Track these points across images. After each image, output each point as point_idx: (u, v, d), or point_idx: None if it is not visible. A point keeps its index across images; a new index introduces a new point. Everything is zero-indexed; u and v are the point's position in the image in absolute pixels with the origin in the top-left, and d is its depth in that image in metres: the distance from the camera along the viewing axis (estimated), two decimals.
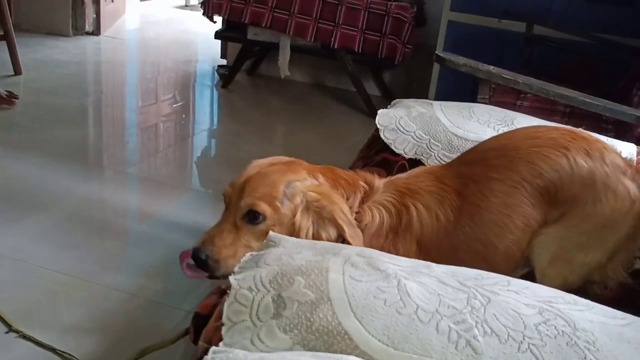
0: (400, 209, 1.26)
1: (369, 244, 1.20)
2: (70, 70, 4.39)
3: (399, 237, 1.24)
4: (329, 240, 1.18)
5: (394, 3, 3.78)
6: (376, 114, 1.73)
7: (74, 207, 2.50)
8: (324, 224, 1.19)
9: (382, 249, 1.18)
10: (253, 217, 1.18)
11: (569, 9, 3.28)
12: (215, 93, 4.47)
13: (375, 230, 1.24)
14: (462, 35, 3.43)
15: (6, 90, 3.35)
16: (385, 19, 3.75)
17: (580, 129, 1.38)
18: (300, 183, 1.21)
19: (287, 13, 3.91)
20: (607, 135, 1.75)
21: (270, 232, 1.01)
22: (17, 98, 3.29)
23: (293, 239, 1.00)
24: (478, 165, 1.31)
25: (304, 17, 3.89)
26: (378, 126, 1.68)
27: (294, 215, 1.19)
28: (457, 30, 3.45)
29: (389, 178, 1.35)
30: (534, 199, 1.25)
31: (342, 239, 1.18)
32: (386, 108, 1.78)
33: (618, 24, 3.18)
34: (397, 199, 1.27)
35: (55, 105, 3.61)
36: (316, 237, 1.19)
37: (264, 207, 1.18)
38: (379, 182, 1.31)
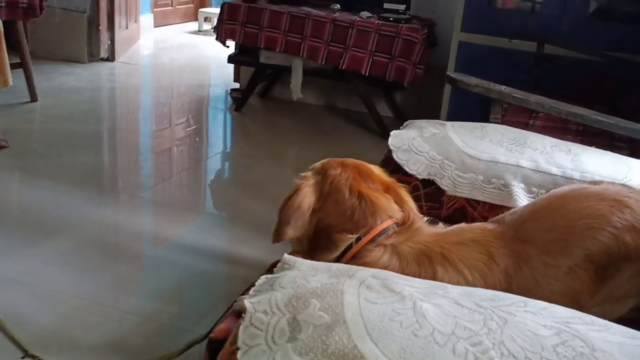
0: (424, 272, 1.16)
1: (388, 254, 1.18)
2: (86, 96, 4.45)
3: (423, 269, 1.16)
4: None
5: (405, 25, 3.81)
6: (388, 134, 1.74)
7: (89, 232, 2.52)
8: None
9: (400, 261, 1.16)
10: None
11: (578, 28, 3.29)
12: (229, 116, 4.51)
13: (392, 250, 1.18)
14: (473, 55, 3.44)
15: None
16: (396, 41, 3.77)
17: (626, 191, 1.33)
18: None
19: (300, 37, 3.95)
20: (620, 153, 1.74)
21: (285, 255, 1.01)
22: (6, 147, 3.22)
23: (308, 261, 1.00)
24: (533, 246, 1.24)
25: (316, 40, 3.92)
26: (391, 147, 1.68)
27: None
28: (468, 50, 3.46)
29: (430, 228, 1.27)
30: (586, 284, 1.22)
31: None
32: (398, 129, 1.78)
33: (628, 42, 3.18)
34: (423, 259, 1.18)
35: (70, 132, 3.65)
36: None
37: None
38: (414, 235, 1.22)
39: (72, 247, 2.39)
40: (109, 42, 5.39)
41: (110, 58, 5.41)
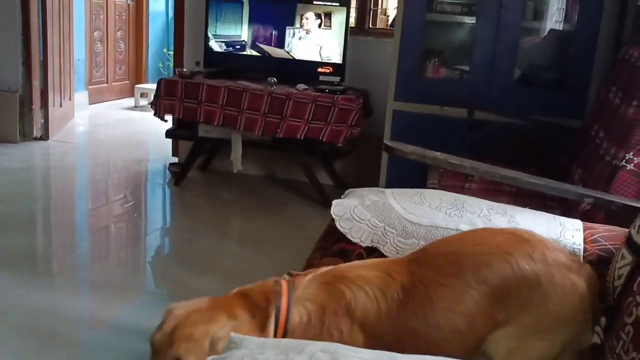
0: (333, 294, 1.27)
1: (306, 338, 1.19)
2: (18, 177, 4.32)
3: (339, 318, 1.24)
4: None
5: (340, 96, 3.91)
6: (330, 203, 1.75)
7: (23, 319, 2.40)
8: None
9: (322, 335, 1.21)
10: None
11: (505, 94, 3.45)
12: (168, 191, 4.46)
13: (306, 327, 1.24)
14: (407, 123, 3.55)
15: None
16: (332, 110, 3.86)
17: (524, 230, 1.45)
18: (222, 331, 1.20)
19: (238, 110, 3.99)
20: (552, 213, 1.80)
21: (232, 333, 0.99)
22: None
23: (255, 338, 0.98)
24: (428, 269, 1.34)
25: (253, 112, 3.97)
26: (333, 216, 1.69)
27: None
28: (402, 118, 3.57)
29: (323, 269, 1.35)
30: (480, 305, 1.29)
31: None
32: (340, 198, 1.80)
33: (551, 106, 3.35)
34: (325, 287, 1.28)
35: (2, 214, 3.53)
36: None
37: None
38: (306, 278, 1.31)
39: (6, 333, 2.27)
40: (42, 121, 5.30)
41: (44, 137, 5.31)
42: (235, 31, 4.39)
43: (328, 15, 4.22)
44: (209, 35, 4.40)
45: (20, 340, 2.24)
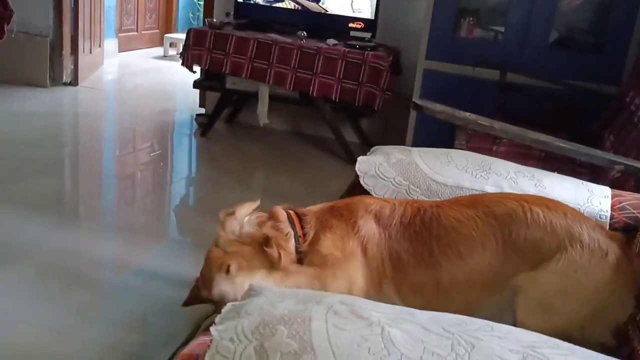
0: (349, 203, 1.44)
1: (322, 217, 1.39)
2: (47, 121, 4.37)
3: (352, 210, 1.39)
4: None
5: (370, 52, 3.85)
6: (354, 160, 1.74)
7: (49, 259, 2.46)
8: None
9: (338, 216, 1.37)
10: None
11: (539, 57, 3.37)
12: (194, 141, 4.48)
13: (318, 211, 1.43)
14: (437, 83, 3.50)
15: None
16: (363, 68, 3.81)
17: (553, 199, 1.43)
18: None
19: (266, 63, 3.96)
20: (581, 179, 1.77)
21: (253, 282, 1.00)
22: None
23: (275, 288, 0.99)
24: (444, 201, 1.44)
25: (282, 67, 3.94)
26: (358, 173, 1.69)
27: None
28: (432, 78, 3.51)
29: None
30: (486, 237, 1.32)
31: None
32: (365, 155, 1.79)
33: (587, 71, 3.27)
34: (340, 208, 1.43)
35: (31, 157, 3.58)
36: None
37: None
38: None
39: (32, 274, 2.32)
40: (72, 67, 5.33)
41: (73, 83, 5.34)
42: None
43: None
44: None
45: (45, 281, 2.29)
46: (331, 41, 4.01)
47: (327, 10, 4.25)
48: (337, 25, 4.22)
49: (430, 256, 1.33)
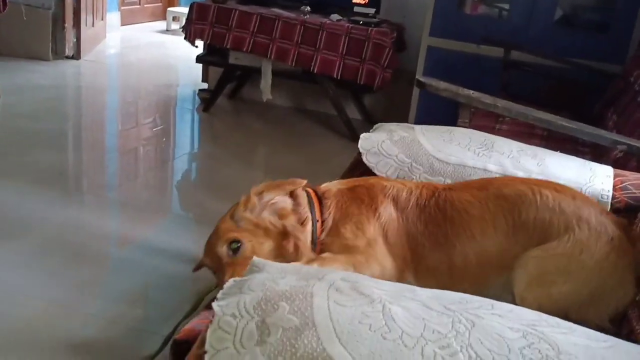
0: (367, 184, 1.45)
1: (342, 199, 1.40)
2: (50, 94, 4.36)
3: (371, 193, 1.40)
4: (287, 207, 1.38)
5: (374, 29, 3.82)
6: (357, 137, 1.74)
7: (51, 233, 2.47)
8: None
9: (357, 200, 1.38)
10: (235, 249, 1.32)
11: (544, 35, 3.35)
12: (197, 117, 4.47)
13: (338, 191, 1.43)
14: (441, 60, 3.48)
15: None
16: (366, 45, 3.78)
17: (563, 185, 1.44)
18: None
19: (269, 38, 3.94)
20: (584, 158, 1.77)
21: (254, 258, 1.01)
22: None
23: (277, 264, 0.99)
24: (456, 184, 1.46)
25: (285, 42, 3.91)
26: (360, 150, 1.69)
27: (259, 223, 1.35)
28: (436, 55, 3.49)
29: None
30: (497, 219, 1.34)
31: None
32: (368, 132, 1.79)
33: (592, 49, 3.25)
34: (359, 192, 1.43)
35: (33, 130, 3.58)
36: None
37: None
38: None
39: (35, 248, 2.34)
40: (75, 40, 5.30)
41: (76, 56, 5.31)
42: None
43: None
44: None
45: (47, 255, 2.30)
46: (335, 16, 3.97)
47: None
48: (341, 1, 4.18)
49: (444, 238, 1.35)
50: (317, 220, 1.37)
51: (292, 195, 1.41)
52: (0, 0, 3.72)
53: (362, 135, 1.74)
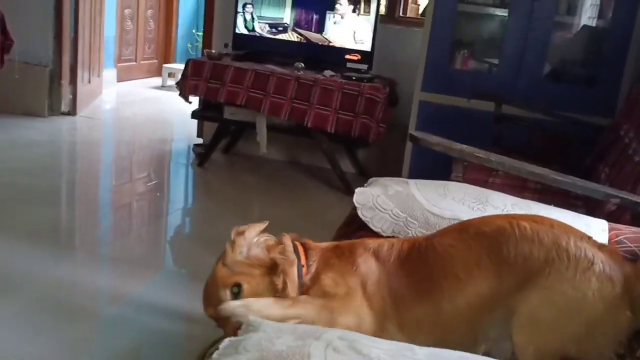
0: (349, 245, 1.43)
1: (326, 254, 1.39)
2: (45, 150, 4.38)
3: (355, 250, 1.38)
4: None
5: (367, 84, 3.89)
6: (351, 191, 1.75)
7: (43, 290, 2.44)
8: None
9: (341, 256, 1.37)
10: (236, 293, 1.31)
11: (534, 89, 3.40)
12: (191, 171, 4.48)
13: (324, 247, 1.42)
14: (433, 114, 3.52)
15: None
16: (359, 100, 3.84)
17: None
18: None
19: (263, 93, 3.99)
20: (577, 211, 1.78)
21: (250, 317, 1.00)
22: None
23: (273, 323, 0.98)
24: (436, 232, 1.46)
25: (278, 97, 3.96)
26: (356, 204, 1.69)
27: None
28: (428, 109, 3.54)
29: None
30: (480, 257, 1.32)
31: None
32: (362, 186, 1.80)
33: (581, 103, 3.30)
34: (342, 247, 1.42)
35: (28, 186, 3.57)
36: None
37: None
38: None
39: (26, 305, 2.30)
40: (71, 96, 5.35)
41: (72, 112, 5.36)
42: (277, 14, 4.37)
43: (362, 1, 4.19)
44: (254, 16, 4.38)
45: (39, 312, 2.27)
46: (328, 72, 4.04)
47: (330, 42, 4.29)
48: (335, 57, 4.26)
49: (430, 286, 1.33)
50: (302, 265, 1.37)
51: (279, 240, 1.43)
52: None
53: (357, 190, 1.75)
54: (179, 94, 4.32)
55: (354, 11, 4.22)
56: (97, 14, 5.77)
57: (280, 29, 4.38)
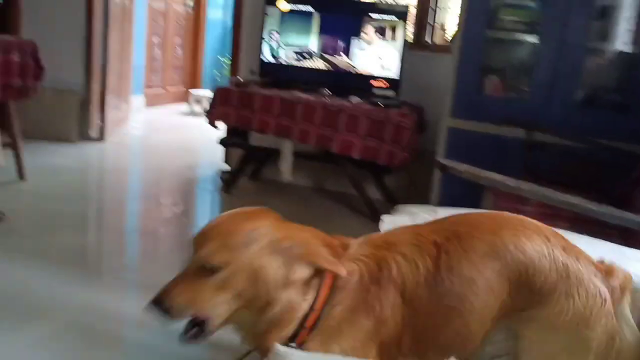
0: (380, 262, 1.28)
1: (350, 300, 1.22)
2: (74, 176, 4.43)
3: (382, 289, 1.25)
4: (302, 279, 1.23)
5: (394, 110, 3.87)
6: (378, 217, 1.73)
7: (70, 315, 2.44)
8: (295, 262, 1.24)
9: (365, 304, 1.22)
10: (209, 269, 1.27)
11: (566, 115, 3.35)
12: (218, 197, 4.49)
13: (355, 285, 1.25)
14: (462, 141, 3.48)
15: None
16: (386, 126, 3.81)
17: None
18: (264, 228, 1.30)
19: (291, 120, 3.99)
20: (611, 240, 1.73)
21: (278, 346, 0.97)
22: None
23: (299, 352, 0.95)
24: (464, 225, 1.35)
25: (306, 124, 3.96)
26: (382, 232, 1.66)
27: (258, 259, 1.24)
28: (457, 136, 3.50)
29: (365, 236, 1.38)
30: (505, 272, 1.27)
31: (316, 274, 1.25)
32: (389, 213, 1.77)
33: (615, 130, 3.24)
34: (374, 251, 1.30)
35: (56, 211, 3.61)
36: (289, 277, 1.22)
37: (219, 259, 1.25)
38: (354, 241, 1.36)
39: (53, 331, 2.30)
40: (100, 122, 5.43)
41: (101, 138, 5.43)
42: (303, 41, 4.39)
43: (388, 28, 4.19)
44: (280, 43, 4.41)
45: (66, 337, 2.26)
46: (355, 99, 4.03)
47: (356, 68, 4.29)
48: (361, 83, 4.26)
49: (460, 303, 1.28)
50: (313, 310, 1.24)
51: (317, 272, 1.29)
52: (31, 86, 3.83)
53: (383, 217, 1.72)
54: (208, 122, 4.34)
55: (380, 38, 4.22)
56: (126, 42, 5.87)
57: (306, 55, 4.39)
